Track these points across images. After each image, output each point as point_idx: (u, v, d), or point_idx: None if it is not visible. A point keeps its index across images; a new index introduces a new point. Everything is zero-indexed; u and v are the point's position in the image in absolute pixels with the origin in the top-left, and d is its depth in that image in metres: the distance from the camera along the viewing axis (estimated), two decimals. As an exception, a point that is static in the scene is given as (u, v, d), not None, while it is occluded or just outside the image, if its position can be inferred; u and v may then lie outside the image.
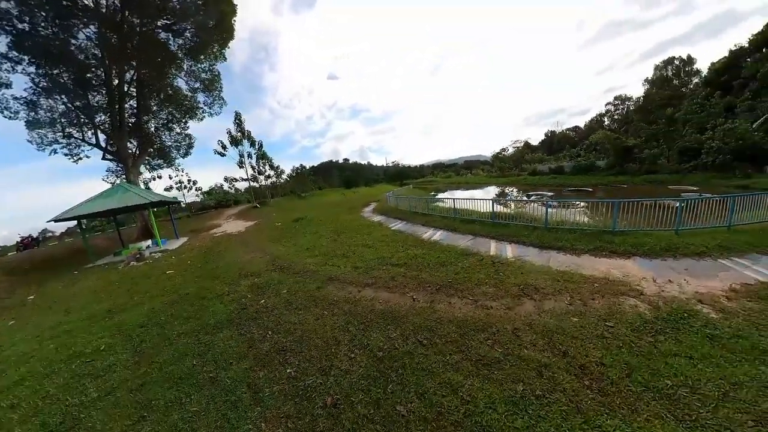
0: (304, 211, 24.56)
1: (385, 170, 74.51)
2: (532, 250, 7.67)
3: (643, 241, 7.07)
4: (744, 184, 20.49)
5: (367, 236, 11.29)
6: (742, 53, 35.40)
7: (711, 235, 7.12)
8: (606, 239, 7.40)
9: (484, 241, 8.95)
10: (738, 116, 28.52)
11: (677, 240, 6.99)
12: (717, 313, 4.19)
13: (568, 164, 38.43)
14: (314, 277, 7.56)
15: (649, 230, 7.71)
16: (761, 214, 7.86)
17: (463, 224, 10.87)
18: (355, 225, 14.18)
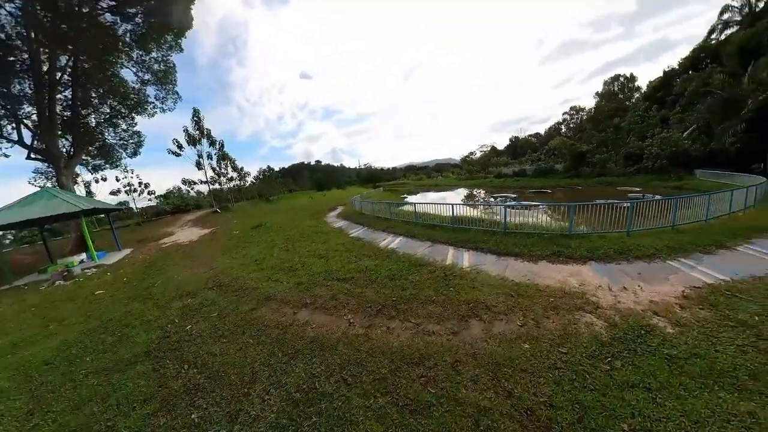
0: (267, 216, 22.90)
1: (358, 172, 73.41)
2: (490, 257, 7.24)
3: (597, 244, 6.92)
4: (678, 185, 22.51)
5: (322, 245, 10.37)
6: (674, 74, 39.68)
7: (658, 236, 7.19)
8: (563, 243, 7.15)
9: (442, 248, 8.44)
10: (671, 127, 31.53)
11: (629, 242, 6.92)
12: (673, 327, 3.83)
13: (530, 167, 40.21)
14: (252, 295, 6.67)
15: (604, 232, 7.65)
16: (697, 213, 8.21)
17: (424, 230, 10.33)
18: (314, 232, 13.20)
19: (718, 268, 5.48)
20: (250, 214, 27.45)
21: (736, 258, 6.00)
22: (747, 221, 8.23)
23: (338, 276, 6.99)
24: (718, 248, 6.42)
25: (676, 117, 33.28)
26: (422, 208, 11.77)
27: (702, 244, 6.52)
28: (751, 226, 7.68)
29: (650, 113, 36.53)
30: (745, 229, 7.40)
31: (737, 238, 6.90)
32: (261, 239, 13.39)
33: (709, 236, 6.98)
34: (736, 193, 8.99)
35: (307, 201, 34.24)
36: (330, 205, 25.68)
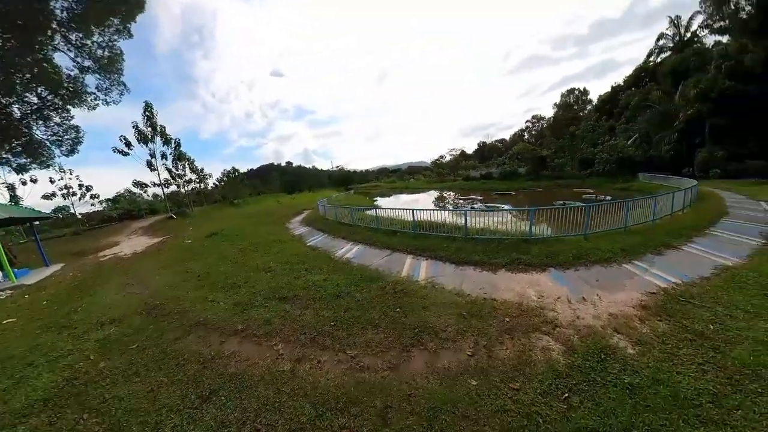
0: (227, 222, 21.02)
1: (330, 175, 71.51)
2: (448, 267, 6.67)
3: (557, 249, 6.66)
4: (624, 187, 24.25)
5: (275, 256, 9.34)
6: (619, 89, 43.66)
7: (613, 238, 7.15)
8: (523, 249, 6.81)
9: (400, 257, 7.80)
10: (618, 135, 34.26)
11: (586, 245, 6.77)
12: (633, 347, 3.42)
13: (496, 171, 41.49)
14: (181, 320, 5.63)
15: (563, 236, 7.47)
16: (646, 214, 8.42)
17: (384, 237, 9.64)
18: (271, 240, 11.90)
19: (668, 270, 5.52)
20: (209, 220, 25.11)
21: (682, 258, 6.12)
22: (686, 221, 8.64)
23: (281, 294, 6.06)
24: (666, 248, 6.57)
25: (621, 127, 36.25)
26: (384, 213, 11.08)
27: (652, 245, 6.62)
28: (690, 225, 8.07)
29: (600, 123, 39.57)
30: (686, 229, 7.74)
31: (681, 238, 7.13)
32: (212, 250, 11.89)
33: (658, 237, 7.11)
34: (677, 195, 9.52)
35: (273, 204, 32.30)
36: (296, 209, 24.30)
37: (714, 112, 22.96)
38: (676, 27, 35.12)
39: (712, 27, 26.43)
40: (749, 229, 7.81)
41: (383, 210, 11.02)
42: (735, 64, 22.54)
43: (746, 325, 3.72)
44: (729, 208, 10.38)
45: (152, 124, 31.55)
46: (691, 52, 31.03)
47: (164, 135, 32.62)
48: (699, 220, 8.57)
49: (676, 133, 26.23)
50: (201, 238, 15.25)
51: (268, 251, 10.13)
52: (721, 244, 6.80)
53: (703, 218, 8.83)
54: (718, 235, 7.45)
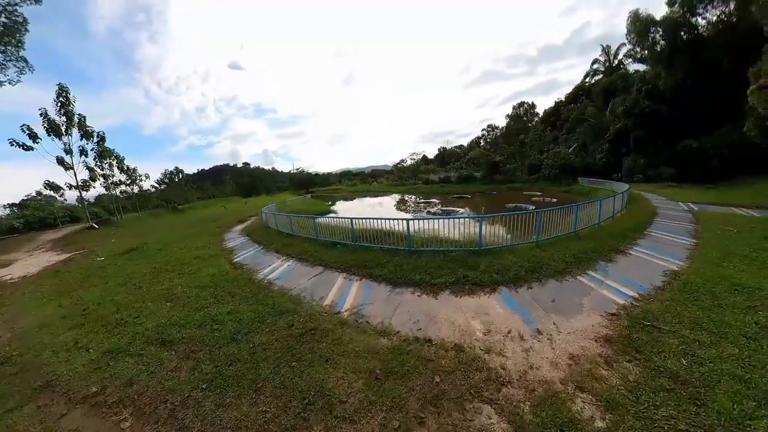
0: (158, 233, 17.98)
1: (290, 177, 67.40)
2: (383, 290, 5.45)
3: (508, 262, 5.84)
4: (567, 189, 25.94)
5: (187, 278, 7.60)
6: (561, 104, 47.83)
7: (565, 245, 6.64)
8: (471, 264, 5.86)
9: (330, 277, 6.47)
10: (560, 144, 37.16)
11: (539, 255, 6.11)
12: (603, 415, 2.47)
13: (454, 175, 42.31)
14: (31, 379, 4.06)
15: (514, 245, 6.73)
16: (592, 217, 8.26)
17: (323, 250, 8.23)
18: (194, 257, 9.86)
19: (623, 280, 5.12)
20: (139, 230, 21.13)
21: (632, 264, 5.83)
22: (626, 223, 8.77)
23: (167, 336, 4.47)
24: (615, 254, 6.32)
25: (563, 137, 39.45)
26: (324, 221, 9.62)
27: (602, 251, 6.33)
28: (631, 227, 8.11)
29: (545, 133, 42.72)
30: (628, 231, 7.72)
31: (626, 241, 6.98)
32: (122, 271, 9.45)
33: (606, 241, 6.90)
34: (617, 198, 9.75)
35: (219, 211, 28.72)
36: (242, 216, 21.56)
37: (636, 126, 25.65)
38: (607, 54, 39.38)
39: (635, 57, 30.20)
40: (678, 228, 8.24)
41: (323, 218, 9.45)
42: (651, 88, 25.56)
43: (716, 352, 3.11)
44: (657, 209, 11.03)
45: (67, 112, 25.35)
46: (618, 76, 34.94)
47: (83, 127, 26.81)
48: (637, 222, 8.79)
49: (608, 143, 28.91)
50: (118, 255, 12.50)
51: (183, 272, 8.25)
52: (662, 245, 6.81)
53: (639, 219, 9.13)
54: (657, 237, 7.50)
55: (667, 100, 24.13)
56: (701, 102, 22.21)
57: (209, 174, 65.43)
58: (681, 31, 22.35)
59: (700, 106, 22.28)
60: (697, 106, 22.40)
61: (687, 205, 12.26)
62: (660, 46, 23.71)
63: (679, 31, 22.32)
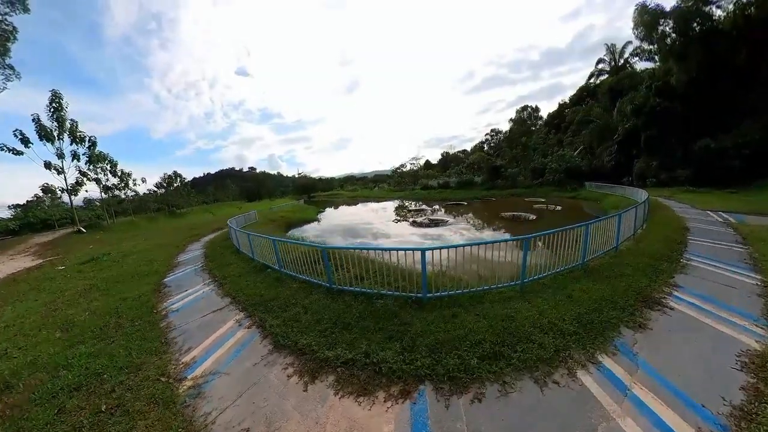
0: (137, 240, 17.21)
1: (293, 182, 66.44)
2: (258, 352, 3.75)
3: (460, 329, 3.61)
4: (573, 195, 23.71)
5: (107, 300, 6.63)
6: (565, 106, 45.54)
7: (565, 290, 4.41)
8: (401, 322, 3.84)
9: (226, 316, 5.02)
10: (565, 147, 34.88)
11: (519, 313, 3.85)
12: None
13: (453, 180, 40.20)
14: None
15: (482, 291, 4.52)
16: (608, 238, 5.95)
17: (247, 275, 6.83)
18: (133, 273, 8.83)
19: (665, 386, 2.63)
20: (122, 236, 20.38)
21: (677, 329, 3.44)
22: (652, 244, 6.44)
23: (14, 379, 3.56)
24: (649, 309, 3.85)
25: (568, 140, 37.11)
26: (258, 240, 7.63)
27: (623, 303, 3.96)
28: (659, 252, 5.80)
29: (549, 136, 40.47)
30: (657, 260, 5.44)
31: (659, 279, 4.67)
32: (60, 286, 8.50)
33: (627, 280, 4.62)
34: (638, 210, 7.46)
35: (208, 217, 27.44)
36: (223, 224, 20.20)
37: (647, 125, 23.39)
38: (612, 54, 37.16)
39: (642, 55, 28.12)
40: (725, 253, 5.85)
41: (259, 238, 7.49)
42: (662, 84, 23.40)
43: None
44: (685, 222, 8.70)
45: (59, 118, 25.09)
46: (625, 75, 32.72)
47: (74, 132, 26.34)
48: (666, 242, 6.48)
49: (616, 145, 26.61)
50: (81, 263, 11.62)
51: (109, 291, 7.26)
52: (714, 287, 4.42)
53: (667, 237, 6.83)
54: (701, 269, 5.13)
55: (680, 96, 21.88)
56: (717, 98, 19.94)
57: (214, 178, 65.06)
58: (693, 22, 20.21)
59: (716, 102, 20.00)
60: (713, 102, 20.11)
61: (718, 215, 9.88)
62: (670, 39, 21.56)
63: (691, 22, 20.18)
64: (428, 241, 12.32)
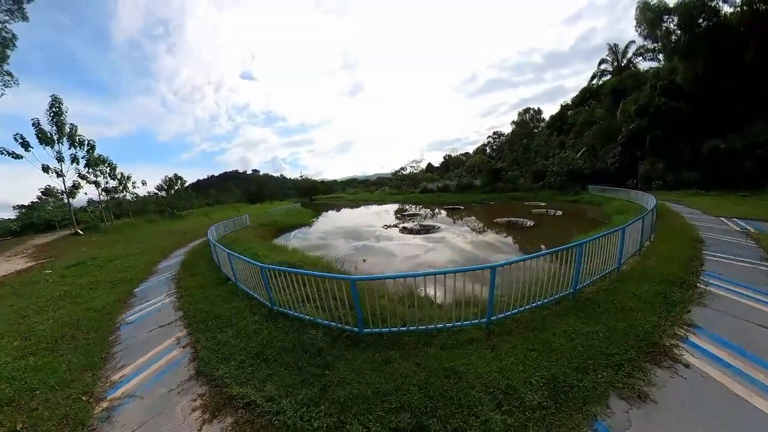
0: (129, 243, 17.02)
1: (295, 184, 66.09)
2: (180, 376, 3.47)
3: (394, 382, 2.79)
4: (575, 199, 22.60)
5: (75, 308, 6.40)
6: (568, 108, 44.38)
7: (545, 331, 3.47)
8: (334, 354, 3.27)
9: (171, 331, 4.74)
10: (567, 149, 33.72)
11: (473, 361, 3.01)
12: None
13: (453, 183, 39.16)
14: None
15: (440, 327, 3.60)
16: (609, 256, 4.80)
17: (213, 286, 6.47)
18: (110, 280, 8.64)
19: None
20: (116, 239, 20.25)
21: (706, 410, 2.33)
22: (661, 263, 5.33)
23: None
24: (656, 366, 2.82)
25: (570, 142, 35.95)
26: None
27: (622, 360, 2.88)
28: (670, 275, 4.69)
29: (552, 138, 39.32)
30: (668, 284, 4.36)
31: (671, 316, 3.57)
32: (39, 291, 8.23)
33: (630, 319, 3.54)
34: (646, 220, 6.30)
35: (205, 220, 26.96)
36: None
37: (652, 126, 22.26)
38: (615, 54, 35.98)
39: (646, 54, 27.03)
40: (750, 274, 4.72)
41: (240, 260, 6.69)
42: (667, 83, 22.35)
43: None
44: (698, 231, 7.61)
45: (58, 122, 25.26)
46: (628, 75, 31.60)
47: (73, 136, 26.43)
48: (678, 260, 5.37)
49: (620, 146, 25.44)
50: (67, 267, 11.43)
51: (80, 299, 6.97)
52: (744, 329, 3.32)
53: (679, 253, 5.73)
54: (722, 297, 4.04)
55: (686, 95, 20.78)
56: (725, 96, 18.79)
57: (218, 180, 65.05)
58: (699, 17, 19.15)
59: (725, 100, 18.85)
60: (721, 100, 18.97)
61: (734, 222, 8.75)
62: (675, 36, 20.49)
63: (697, 17, 19.12)
64: (415, 250, 11.51)
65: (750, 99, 17.60)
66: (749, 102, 17.63)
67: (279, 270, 4.30)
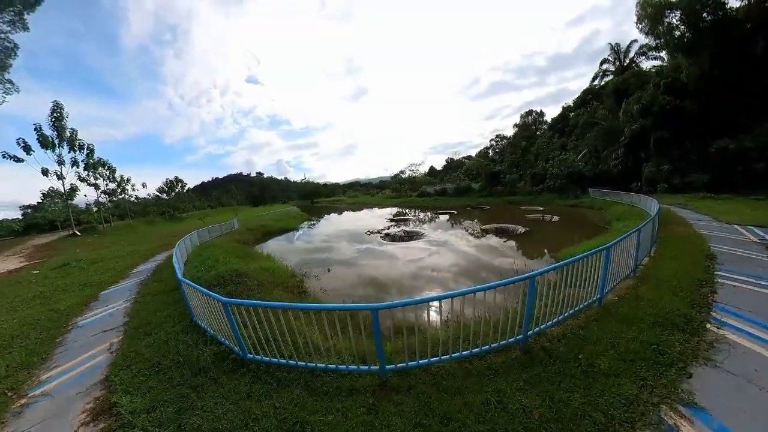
0: (121, 246, 16.89)
1: (297, 187, 65.78)
2: (74, 391, 3.39)
3: None
4: (575, 203, 21.29)
5: (39, 309, 6.47)
6: (569, 109, 42.90)
7: (443, 402, 2.44)
8: None
9: (105, 338, 4.73)
10: (569, 151, 32.37)
11: (334, 426, 2.23)
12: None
13: (450, 186, 38.04)
14: None
15: (342, 368, 2.88)
16: (584, 289, 3.54)
17: (168, 292, 6.36)
18: (86, 282, 8.60)
19: None
20: (112, 240, 20.49)
21: None
22: (659, 292, 4.05)
23: None
24: None
25: (572, 143, 34.60)
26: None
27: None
28: (670, 311, 3.48)
29: (553, 140, 37.98)
30: (664, 324, 3.19)
31: (661, 381, 2.46)
32: (17, 292, 8.27)
33: (593, 392, 2.36)
34: (644, 233, 4.97)
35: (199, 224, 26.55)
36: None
37: (656, 126, 20.89)
38: (617, 53, 34.58)
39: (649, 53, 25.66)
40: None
41: None
42: (671, 81, 20.99)
43: None
44: (708, 243, 6.40)
45: (59, 127, 25.61)
46: (631, 74, 30.19)
47: (73, 141, 26.69)
48: (683, 286, 4.13)
49: (623, 147, 24.06)
50: (53, 268, 11.48)
51: (49, 302, 6.97)
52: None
53: (684, 275, 4.48)
54: (741, 348, 2.83)
55: (692, 93, 19.37)
56: (734, 93, 17.39)
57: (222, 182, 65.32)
58: (704, 11, 17.83)
59: (733, 98, 17.45)
60: (729, 98, 17.57)
61: (750, 230, 7.47)
62: (679, 32, 19.16)
63: (701, 11, 17.80)
64: (380, 262, 10.52)
65: (759, 96, 16.22)
66: (758, 99, 16.25)
67: (189, 285, 3.62)
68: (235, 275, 6.89)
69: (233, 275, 6.90)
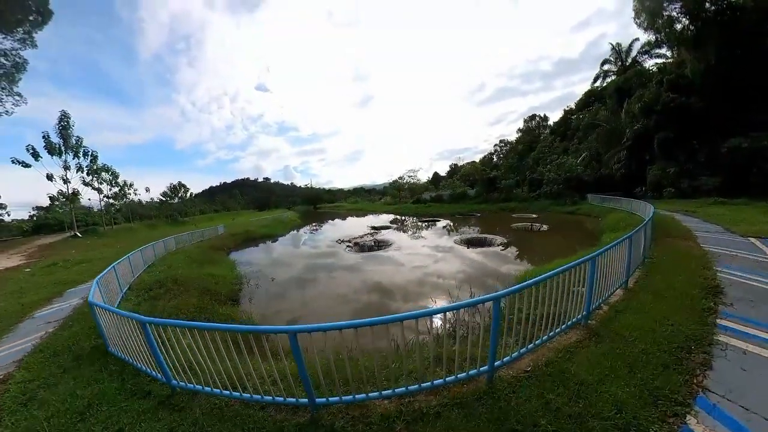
0: (114, 247, 17.05)
1: (301, 193, 65.76)
2: None
3: None
4: (572, 210, 19.47)
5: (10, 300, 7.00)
6: (571, 112, 41.05)
7: None
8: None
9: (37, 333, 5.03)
10: (570, 154, 30.42)
11: None
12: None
13: (446, 193, 36.49)
14: None
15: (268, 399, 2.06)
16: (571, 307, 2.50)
17: None
18: (58, 281, 8.82)
19: None
20: (106, 242, 20.88)
21: None
22: (634, 354, 2.73)
23: None
24: None
25: (574, 146, 32.69)
26: None
27: None
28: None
29: (555, 144, 36.17)
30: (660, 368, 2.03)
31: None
32: (2, 287, 8.71)
33: None
34: (622, 249, 3.67)
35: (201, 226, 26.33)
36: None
37: (660, 125, 18.94)
38: (618, 53, 32.80)
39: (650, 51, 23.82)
40: None
41: None
42: (675, 77, 19.11)
43: None
44: (714, 266, 4.82)
45: (65, 135, 26.40)
46: (633, 73, 28.25)
47: (77, 148, 27.45)
48: (670, 344, 2.73)
49: (625, 150, 22.07)
50: (45, 266, 11.82)
51: (19, 296, 7.40)
52: None
53: (666, 330, 3.00)
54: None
55: (698, 89, 17.45)
56: (742, 88, 15.43)
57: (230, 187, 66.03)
58: (707, 1, 16.05)
59: (743, 93, 15.48)
60: (739, 93, 15.62)
61: (766, 243, 5.91)
62: (680, 24, 17.37)
63: (704, 1, 16.04)
64: (351, 272, 9.29)
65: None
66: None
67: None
68: (173, 280, 7.25)
69: (173, 280, 7.25)
